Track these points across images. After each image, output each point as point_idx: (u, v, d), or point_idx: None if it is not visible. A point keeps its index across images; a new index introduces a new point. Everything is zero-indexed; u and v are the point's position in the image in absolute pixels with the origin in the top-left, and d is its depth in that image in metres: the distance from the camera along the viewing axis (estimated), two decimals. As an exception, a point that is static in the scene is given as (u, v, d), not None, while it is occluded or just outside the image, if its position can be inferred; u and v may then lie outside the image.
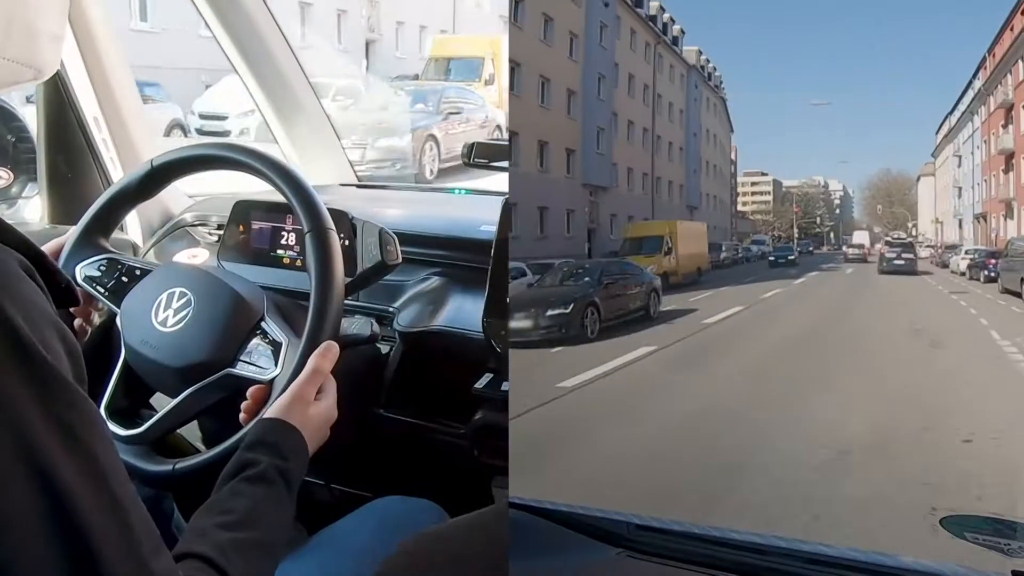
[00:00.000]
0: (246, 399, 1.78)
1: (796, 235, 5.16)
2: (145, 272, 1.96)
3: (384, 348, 2.41)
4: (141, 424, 1.81)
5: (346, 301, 1.85)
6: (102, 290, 1.95)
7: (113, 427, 1.78)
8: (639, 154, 4.58)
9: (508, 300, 2.20)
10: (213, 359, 1.81)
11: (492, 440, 2.26)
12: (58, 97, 2.87)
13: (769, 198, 5.24)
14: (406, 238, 2.20)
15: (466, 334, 2.29)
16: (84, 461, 1.02)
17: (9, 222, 1.12)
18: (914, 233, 4.61)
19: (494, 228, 2.24)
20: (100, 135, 2.91)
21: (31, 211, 3.00)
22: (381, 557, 1.82)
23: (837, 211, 5.34)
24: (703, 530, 1.47)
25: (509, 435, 1.95)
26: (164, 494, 2.16)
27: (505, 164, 2.41)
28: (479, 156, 2.36)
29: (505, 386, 2.22)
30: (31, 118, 2.93)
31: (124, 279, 1.95)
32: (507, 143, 2.56)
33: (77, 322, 1.95)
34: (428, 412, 2.38)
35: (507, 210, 2.23)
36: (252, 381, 1.79)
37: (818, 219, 5.26)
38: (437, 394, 2.37)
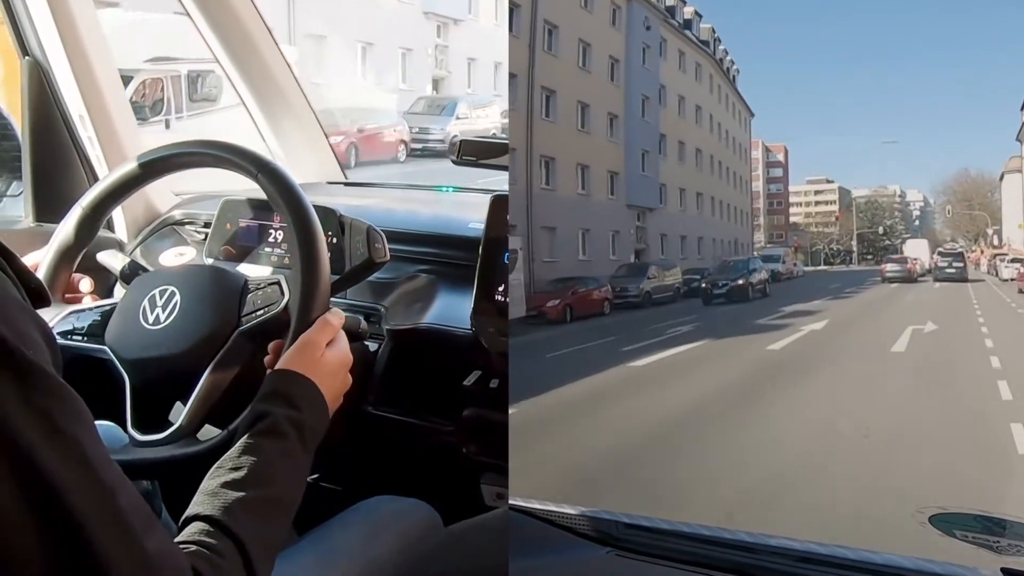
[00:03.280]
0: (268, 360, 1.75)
1: (856, 247, 4.68)
2: (114, 304, 1.93)
3: (373, 346, 2.40)
4: (175, 424, 1.77)
5: (334, 298, 1.84)
6: (80, 338, 1.92)
7: (149, 436, 1.74)
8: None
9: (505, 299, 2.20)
10: (218, 327, 1.77)
11: (480, 437, 2.26)
12: (43, 95, 2.85)
13: (834, 207, 4.76)
14: (394, 236, 2.20)
15: (454, 331, 2.29)
16: (68, 449, 1.01)
17: None
18: (996, 242, 4.16)
19: (482, 225, 2.24)
20: (85, 133, 2.90)
21: (16, 209, 2.99)
22: (371, 557, 1.82)
23: (916, 223, 4.73)
24: (692, 528, 1.47)
25: (509, 438, 1.95)
26: (152, 492, 2.15)
27: (494, 161, 2.40)
28: (467, 154, 2.36)
29: (494, 383, 2.22)
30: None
31: (96, 318, 1.92)
32: (499, 141, 2.55)
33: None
34: (417, 409, 2.38)
35: (496, 207, 2.23)
36: (266, 326, 1.76)
37: (881, 229, 4.68)
38: (426, 391, 2.36)
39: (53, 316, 1.91)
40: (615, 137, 3.72)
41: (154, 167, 1.98)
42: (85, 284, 1.95)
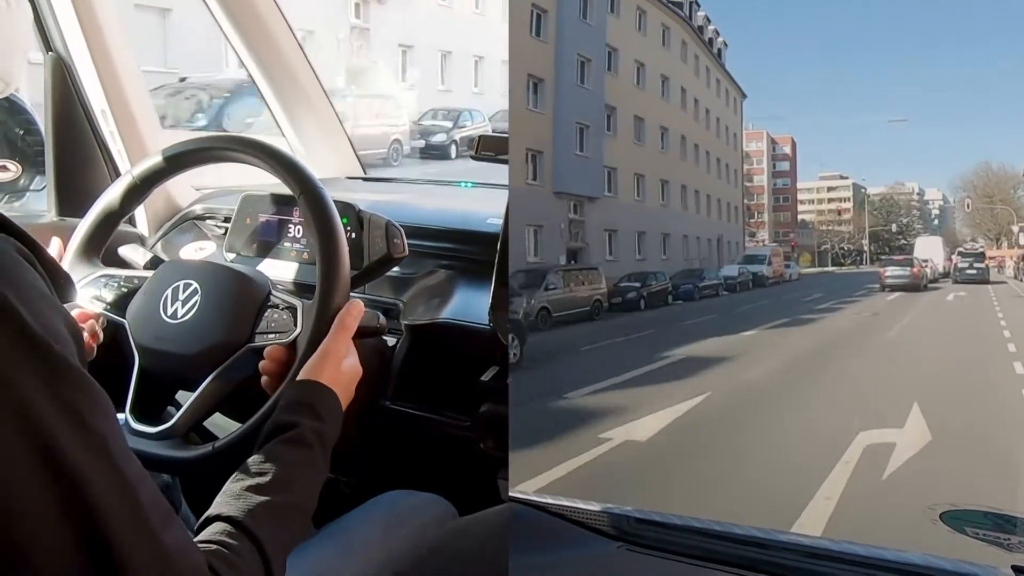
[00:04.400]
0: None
1: (867, 246, 4.37)
2: (143, 279, 1.97)
3: (391, 340, 2.41)
4: (170, 420, 1.81)
5: (352, 293, 1.86)
6: (104, 304, 1.95)
7: (143, 426, 1.79)
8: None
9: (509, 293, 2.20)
10: (230, 338, 1.81)
11: (498, 432, 2.26)
12: (65, 90, 2.88)
13: (848, 205, 4.52)
14: (413, 231, 2.21)
15: (472, 327, 2.30)
16: (92, 442, 1.03)
17: (9, 215, 1.14)
18: (1021, 241, 3.77)
19: (500, 221, 2.25)
20: (107, 128, 2.92)
21: (39, 203, 3.02)
22: (389, 551, 1.83)
23: (935, 222, 4.43)
24: (703, 523, 1.48)
25: (509, 432, 1.96)
26: (173, 486, 2.17)
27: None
28: (485, 149, 2.36)
29: (509, 379, 2.23)
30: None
31: (123, 289, 1.96)
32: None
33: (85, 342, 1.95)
34: (434, 404, 2.38)
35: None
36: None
37: (895, 227, 4.38)
38: (443, 386, 2.37)
39: (87, 274, 1.96)
40: (540, 107, 2.94)
41: (202, 155, 2.02)
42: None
